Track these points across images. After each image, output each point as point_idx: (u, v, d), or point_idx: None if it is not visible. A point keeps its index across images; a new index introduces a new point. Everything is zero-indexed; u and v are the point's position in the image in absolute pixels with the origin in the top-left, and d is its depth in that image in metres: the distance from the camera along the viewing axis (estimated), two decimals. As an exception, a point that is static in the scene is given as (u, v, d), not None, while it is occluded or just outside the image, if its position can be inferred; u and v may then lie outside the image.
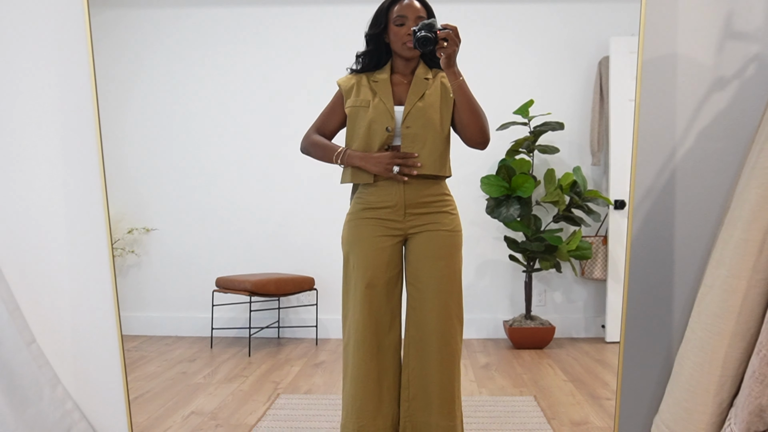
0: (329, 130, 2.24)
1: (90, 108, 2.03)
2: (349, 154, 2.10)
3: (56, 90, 2.06)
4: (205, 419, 2.61)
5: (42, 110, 2.07)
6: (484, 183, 3.38)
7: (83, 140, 2.06)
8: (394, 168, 2.04)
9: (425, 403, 2.13)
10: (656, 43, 1.88)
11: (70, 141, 2.06)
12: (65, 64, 2.06)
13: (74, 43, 2.05)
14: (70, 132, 2.06)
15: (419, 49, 1.95)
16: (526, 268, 3.44)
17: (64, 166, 2.06)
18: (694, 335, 1.51)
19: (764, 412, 1.32)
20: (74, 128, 2.06)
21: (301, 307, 3.44)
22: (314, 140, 2.20)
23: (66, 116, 2.06)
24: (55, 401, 1.97)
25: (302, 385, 2.98)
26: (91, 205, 2.05)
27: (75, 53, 2.05)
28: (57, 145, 2.07)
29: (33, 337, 1.99)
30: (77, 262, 2.07)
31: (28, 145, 2.07)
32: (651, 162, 1.92)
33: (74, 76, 2.05)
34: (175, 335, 3.43)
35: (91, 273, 2.07)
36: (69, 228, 2.07)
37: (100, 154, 2.01)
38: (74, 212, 2.07)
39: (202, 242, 3.41)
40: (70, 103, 2.06)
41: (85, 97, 2.03)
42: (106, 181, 2.01)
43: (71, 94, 2.05)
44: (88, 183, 2.06)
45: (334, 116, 2.23)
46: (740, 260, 1.40)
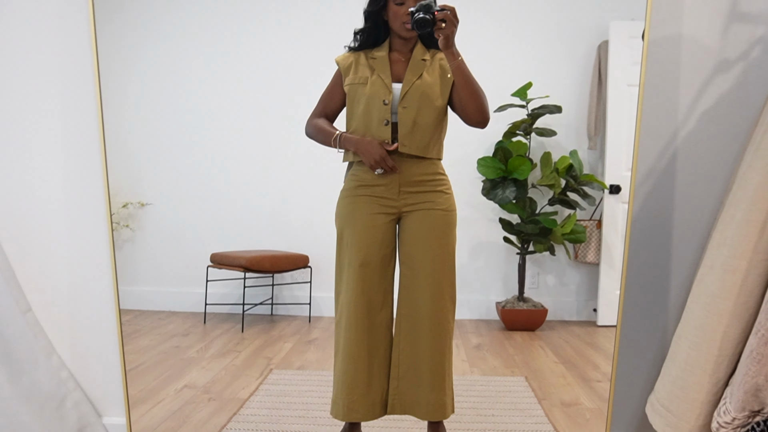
0: (331, 111, 2.23)
1: (91, 81, 2.01)
2: (344, 137, 2.09)
3: (57, 61, 2.04)
4: (197, 393, 2.62)
5: (42, 83, 2.05)
6: (480, 164, 3.38)
7: (84, 112, 2.04)
8: (378, 170, 2.03)
9: (415, 381, 2.14)
10: (662, 24, 1.87)
11: (70, 112, 2.05)
12: (67, 36, 2.04)
13: (77, 16, 2.02)
14: (71, 102, 2.05)
15: (417, 30, 1.95)
16: (520, 250, 3.45)
17: (64, 136, 2.05)
18: (693, 315, 1.52)
19: (760, 391, 1.33)
20: (74, 99, 2.05)
21: (295, 285, 3.44)
22: (314, 124, 2.20)
23: (66, 89, 2.05)
24: (50, 370, 1.97)
25: (295, 361, 2.99)
26: (91, 175, 2.04)
27: (77, 26, 2.03)
28: (57, 115, 2.05)
29: (29, 306, 1.98)
30: (75, 232, 2.06)
31: (28, 116, 2.05)
32: (653, 143, 1.92)
33: (76, 48, 2.03)
34: (168, 310, 3.42)
35: (89, 243, 2.06)
36: (67, 198, 2.06)
37: (100, 125, 1.99)
38: (73, 182, 2.06)
39: (197, 218, 3.40)
40: (70, 76, 2.04)
41: (86, 70, 2.01)
42: (106, 152, 1.99)
43: (72, 66, 2.03)
44: (87, 154, 2.05)
45: (335, 96, 2.22)
46: (741, 241, 1.40)
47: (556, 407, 2.55)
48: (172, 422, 2.35)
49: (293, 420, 2.40)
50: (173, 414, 2.42)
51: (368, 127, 2.09)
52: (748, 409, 1.35)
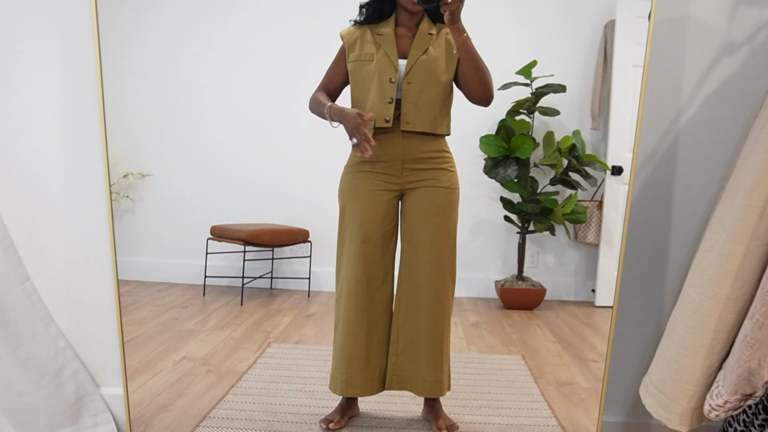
0: (334, 86, 2.21)
1: (91, 51, 1.99)
2: (333, 109, 2.06)
3: (57, 30, 2.02)
4: (196, 365, 2.64)
5: (42, 52, 2.03)
6: (483, 142, 3.37)
7: (83, 81, 2.02)
8: (353, 139, 1.99)
9: (413, 357, 2.15)
10: (669, 4, 1.85)
11: (69, 81, 2.03)
12: (67, 6, 2.01)
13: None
14: (70, 71, 2.03)
15: (423, 5, 1.94)
16: (521, 229, 3.45)
17: (63, 106, 2.04)
18: (689, 298, 1.52)
19: (753, 375, 1.34)
20: (74, 69, 2.03)
21: (294, 259, 3.45)
22: (314, 97, 2.18)
23: (66, 57, 2.03)
24: (47, 339, 1.98)
25: (293, 335, 3.01)
26: (90, 145, 2.03)
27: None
28: (57, 85, 2.03)
29: (27, 275, 1.99)
30: (74, 202, 2.06)
31: (28, 86, 2.04)
32: (655, 125, 1.91)
33: (76, 16, 2.00)
34: (168, 282, 3.43)
35: (88, 213, 2.06)
36: (66, 167, 2.05)
37: (100, 95, 1.98)
38: (72, 151, 2.05)
39: (197, 190, 3.40)
40: (70, 45, 2.02)
41: (86, 38, 1.99)
42: (105, 122, 1.98)
43: (72, 35, 2.01)
44: (87, 124, 2.04)
45: (338, 72, 2.20)
46: (740, 225, 1.40)
47: (551, 386, 2.57)
48: (170, 393, 2.37)
49: (291, 394, 2.42)
50: (171, 385, 2.44)
51: (372, 104, 2.07)
52: (741, 393, 1.36)
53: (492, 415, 2.29)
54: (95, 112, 2.00)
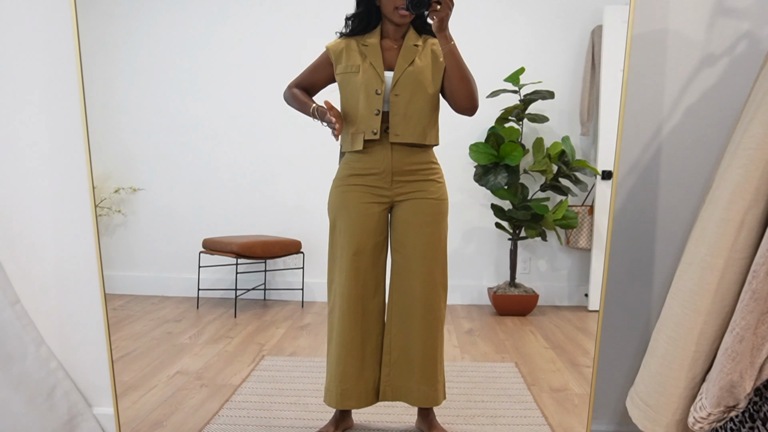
0: (309, 85, 2.23)
1: (73, 66, 2.00)
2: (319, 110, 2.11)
3: (39, 49, 2.02)
4: (190, 379, 2.64)
5: (24, 70, 2.03)
6: (472, 150, 3.37)
7: (66, 98, 2.03)
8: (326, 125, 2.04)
9: (406, 368, 2.16)
10: (647, 18, 1.87)
11: (53, 100, 2.04)
12: (49, 21, 2.02)
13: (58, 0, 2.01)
14: (53, 90, 2.04)
15: (412, 11, 1.94)
16: (512, 236, 3.46)
17: (48, 127, 2.04)
18: (671, 311, 1.53)
19: (735, 387, 1.35)
20: (57, 86, 2.04)
21: (287, 270, 3.45)
22: (294, 93, 2.21)
23: (49, 75, 2.03)
24: (39, 360, 1.98)
25: (287, 347, 3.01)
26: (75, 165, 2.04)
27: (58, 11, 2.01)
28: (40, 105, 2.04)
29: (17, 297, 1.99)
30: (61, 223, 2.07)
31: (10, 104, 2.04)
32: (637, 136, 1.93)
33: (58, 32, 2.01)
34: (161, 295, 3.44)
35: (75, 233, 2.07)
36: (52, 188, 2.06)
37: (83, 113, 1.99)
38: (58, 172, 2.06)
39: (189, 203, 3.40)
40: (53, 63, 2.03)
41: (68, 57, 2.00)
42: (89, 142, 1.99)
43: (54, 53, 2.02)
44: (71, 144, 2.04)
45: (317, 75, 2.22)
46: (719, 239, 1.41)
47: (545, 393, 2.58)
48: (165, 409, 2.37)
49: (285, 407, 2.42)
50: (165, 401, 2.44)
51: (360, 117, 2.09)
52: (723, 405, 1.37)
53: (486, 424, 2.30)
54: (79, 133, 2.01)
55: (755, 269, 1.32)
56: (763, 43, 1.84)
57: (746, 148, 1.40)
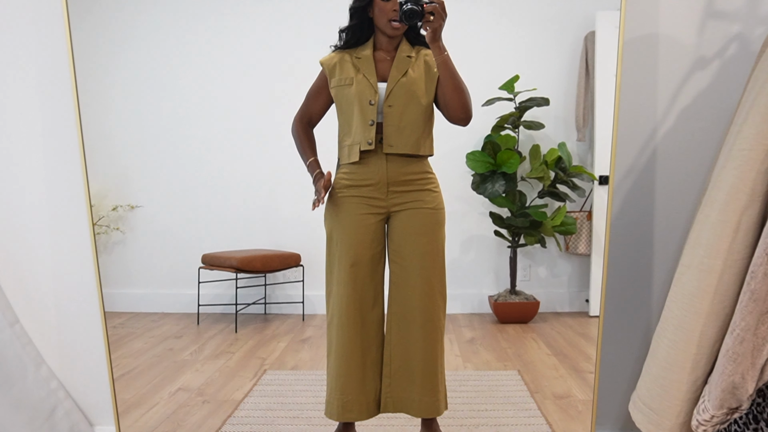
0: (315, 112, 2.24)
1: (69, 86, 2.00)
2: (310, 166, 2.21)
3: (34, 68, 2.03)
4: (192, 395, 2.63)
5: (20, 88, 2.04)
6: (469, 159, 3.38)
7: (62, 119, 2.04)
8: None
9: (407, 379, 2.15)
10: (638, 23, 1.88)
11: (49, 119, 2.04)
12: (43, 40, 2.03)
13: (52, 18, 2.02)
14: (49, 110, 2.04)
15: (405, 22, 1.94)
16: (511, 243, 3.46)
17: (44, 146, 2.05)
18: (671, 314, 1.53)
19: (737, 389, 1.35)
20: (53, 106, 2.04)
21: (287, 284, 3.45)
22: (296, 133, 2.23)
23: (45, 94, 2.04)
24: (39, 380, 1.97)
25: (289, 360, 3.00)
26: (72, 184, 2.04)
27: (53, 28, 2.02)
28: (36, 125, 2.04)
29: (16, 318, 1.99)
30: (59, 242, 2.07)
31: (7, 126, 2.05)
32: (632, 141, 1.93)
33: (53, 51, 2.02)
34: (161, 312, 3.43)
35: (73, 252, 2.07)
36: (50, 207, 2.06)
37: (79, 131, 1.99)
38: (55, 192, 2.06)
39: (187, 219, 3.40)
40: (48, 81, 2.03)
41: (63, 76, 2.01)
42: (86, 160, 1.99)
43: (49, 71, 2.03)
44: (68, 163, 2.05)
45: (319, 98, 2.22)
46: (716, 241, 1.41)
47: (548, 400, 2.57)
48: (167, 426, 2.36)
49: (288, 421, 2.41)
50: (168, 418, 2.43)
51: (355, 128, 2.09)
52: (726, 407, 1.37)
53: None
54: (75, 152, 2.01)
55: (753, 270, 1.32)
56: (753, 44, 1.85)
57: (740, 149, 1.40)
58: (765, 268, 1.30)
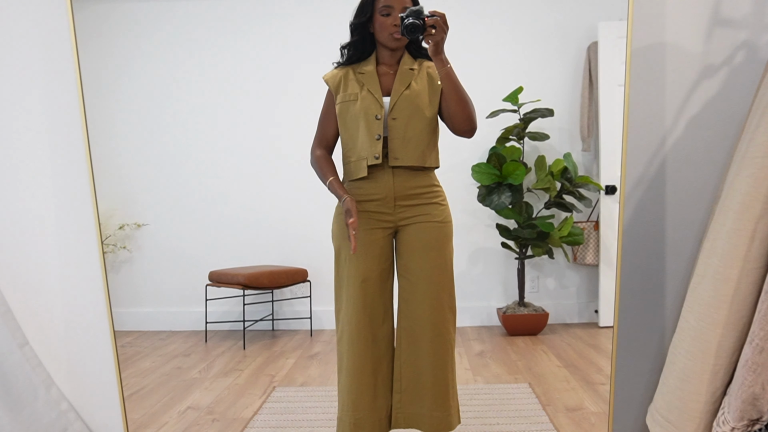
0: (330, 135, 2.20)
1: (76, 107, 2.01)
2: (332, 184, 2.08)
3: (42, 89, 2.04)
4: (201, 414, 2.61)
5: (28, 110, 2.05)
6: (475, 171, 3.38)
7: (70, 139, 2.04)
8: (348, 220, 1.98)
9: (417, 395, 2.13)
10: (645, 32, 1.87)
11: (57, 140, 2.05)
12: (50, 61, 2.04)
13: (58, 40, 2.03)
14: (57, 130, 2.05)
15: (407, 36, 1.93)
16: (519, 255, 3.45)
17: (52, 167, 2.05)
18: (688, 325, 1.51)
19: (757, 400, 1.33)
20: (61, 126, 2.05)
21: (295, 299, 3.44)
22: (315, 159, 2.17)
23: (52, 115, 2.04)
24: (49, 402, 1.96)
25: (298, 377, 2.99)
26: (80, 204, 2.04)
27: (60, 50, 2.03)
28: (44, 145, 2.05)
29: (26, 339, 1.98)
30: (67, 263, 2.06)
31: (16, 146, 2.05)
32: (641, 151, 1.92)
33: (60, 73, 2.03)
34: (169, 330, 3.42)
35: (82, 273, 2.06)
36: (58, 228, 2.06)
37: (87, 151, 1.99)
38: (63, 213, 2.06)
39: (194, 236, 3.40)
40: (56, 103, 2.04)
41: (71, 97, 2.01)
42: (94, 180, 1.99)
43: (57, 92, 2.03)
44: (76, 183, 2.05)
45: (331, 119, 2.20)
46: (732, 250, 1.40)
47: (560, 413, 2.55)
48: (176, 446, 2.35)
49: (297, 438, 2.40)
50: (177, 437, 2.42)
51: (361, 144, 2.09)
52: (747, 419, 1.35)
53: (502, 448, 2.27)
54: (83, 173, 2.01)
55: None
56: (761, 51, 1.85)
57: (753, 157, 1.39)
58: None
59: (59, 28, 2.02)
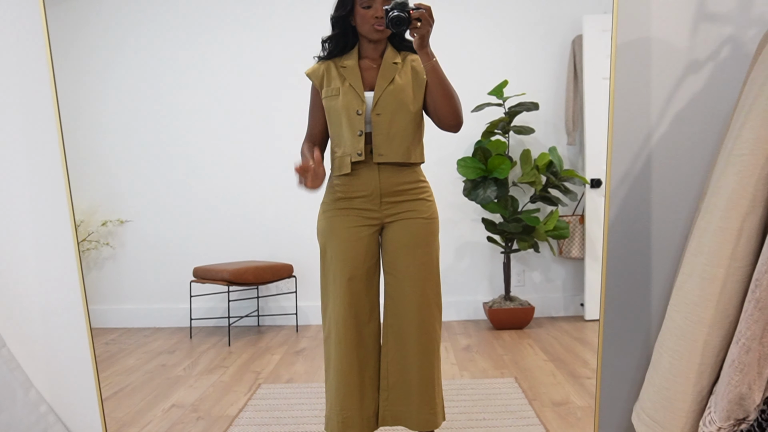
0: (317, 131, 2.18)
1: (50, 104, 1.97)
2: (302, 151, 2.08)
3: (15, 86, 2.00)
4: (186, 412, 2.59)
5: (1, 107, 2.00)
6: (460, 165, 3.36)
7: (45, 138, 2.00)
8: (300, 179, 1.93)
9: (404, 392, 2.13)
10: (629, 27, 1.86)
11: (32, 138, 2.01)
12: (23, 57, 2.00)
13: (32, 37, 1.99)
14: (32, 127, 2.01)
15: (392, 29, 1.91)
16: (505, 249, 3.44)
17: (27, 166, 2.01)
18: (674, 323, 1.51)
19: (744, 400, 1.33)
20: (35, 124, 2.01)
21: (280, 295, 3.42)
22: (301, 151, 2.15)
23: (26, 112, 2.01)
24: (28, 405, 1.93)
25: (283, 373, 2.97)
26: (56, 203, 2.01)
27: (33, 46, 1.99)
28: (19, 144, 2.01)
29: (3, 342, 1.95)
30: (44, 262, 2.04)
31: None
32: (627, 147, 1.92)
33: (33, 69, 1.99)
34: (153, 327, 3.39)
35: (58, 272, 2.03)
36: (34, 228, 2.02)
37: (62, 150, 1.96)
38: (39, 213, 2.03)
39: (178, 232, 3.37)
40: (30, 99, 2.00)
41: (44, 93, 1.97)
42: (69, 178, 1.96)
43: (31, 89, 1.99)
44: (51, 181, 2.01)
45: (316, 115, 2.17)
46: (718, 248, 1.39)
47: (546, 407, 2.55)
48: (161, 445, 2.33)
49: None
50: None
51: (345, 139, 2.06)
52: (733, 418, 1.35)
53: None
54: (58, 171, 1.97)
55: (758, 278, 1.31)
56: (746, 46, 1.84)
57: (739, 154, 1.38)
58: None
59: (32, 23, 1.98)
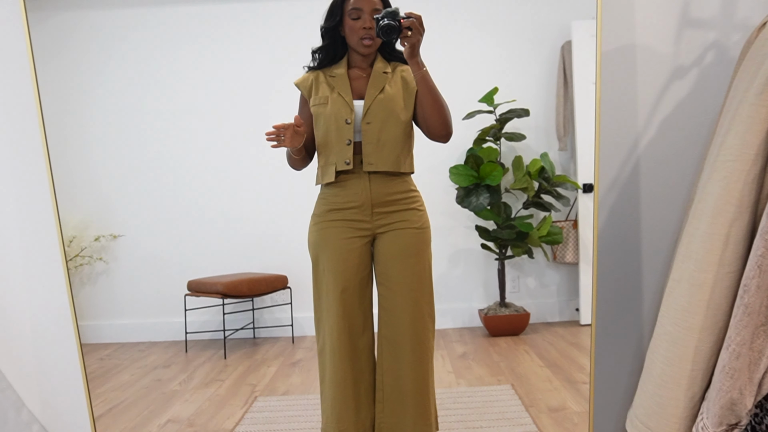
0: (306, 139, 2.18)
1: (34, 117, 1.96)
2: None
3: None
4: (182, 427, 2.58)
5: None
6: (452, 173, 3.37)
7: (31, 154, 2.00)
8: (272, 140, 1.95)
9: (399, 404, 2.12)
10: (614, 35, 1.88)
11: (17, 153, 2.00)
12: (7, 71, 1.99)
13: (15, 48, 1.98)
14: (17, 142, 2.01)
15: (382, 38, 1.91)
16: (499, 255, 3.44)
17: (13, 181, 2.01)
18: (664, 330, 1.51)
19: (735, 405, 1.33)
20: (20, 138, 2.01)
21: (275, 307, 3.41)
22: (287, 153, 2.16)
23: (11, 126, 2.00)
24: (20, 425, 1.92)
25: (279, 386, 2.96)
26: (43, 223, 2.01)
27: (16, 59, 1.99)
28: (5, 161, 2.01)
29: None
30: (33, 280, 2.03)
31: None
32: (615, 153, 1.92)
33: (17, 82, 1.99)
34: (148, 341, 3.38)
35: (47, 290, 2.03)
36: (23, 247, 2.02)
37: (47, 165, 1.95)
38: (27, 232, 2.02)
39: (171, 246, 3.36)
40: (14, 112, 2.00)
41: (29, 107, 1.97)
42: (56, 194, 1.95)
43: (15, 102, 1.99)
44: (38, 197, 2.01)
45: (306, 123, 2.18)
46: (706, 254, 1.40)
47: (543, 413, 2.55)
48: (157, 461, 2.31)
49: (280, 448, 2.37)
50: (157, 452, 2.38)
51: (332, 148, 2.06)
52: (726, 423, 1.35)
53: (485, 452, 2.27)
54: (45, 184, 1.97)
55: (745, 283, 1.31)
56: (730, 51, 1.85)
57: (725, 161, 1.39)
58: (758, 280, 1.29)
59: (15, 36, 1.98)
